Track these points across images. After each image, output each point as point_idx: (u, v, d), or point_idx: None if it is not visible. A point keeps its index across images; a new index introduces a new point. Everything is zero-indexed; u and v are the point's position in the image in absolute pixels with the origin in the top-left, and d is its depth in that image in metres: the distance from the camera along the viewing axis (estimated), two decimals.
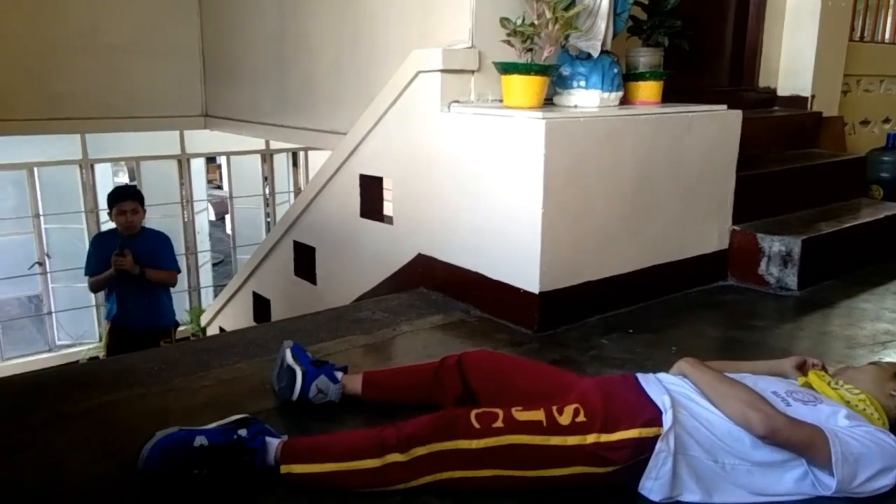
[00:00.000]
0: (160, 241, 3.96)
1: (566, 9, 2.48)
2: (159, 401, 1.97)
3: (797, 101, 4.15)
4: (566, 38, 2.66)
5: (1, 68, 4.96)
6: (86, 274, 3.88)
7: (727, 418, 1.46)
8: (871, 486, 1.42)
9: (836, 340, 2.51)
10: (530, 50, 2.57)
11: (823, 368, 1.76)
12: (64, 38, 5.15)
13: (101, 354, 4.76)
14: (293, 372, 1.84)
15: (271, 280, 4.29)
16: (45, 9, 5.12)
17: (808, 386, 1.65)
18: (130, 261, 3.67)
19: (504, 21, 2.53)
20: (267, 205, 9.13)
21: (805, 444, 1.41)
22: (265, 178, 8.93)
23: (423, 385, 1.83)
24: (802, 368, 1.76)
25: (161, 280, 3.88)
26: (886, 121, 5.24)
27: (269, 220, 9.14)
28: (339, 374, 1.87)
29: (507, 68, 2.54)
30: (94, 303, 7.17)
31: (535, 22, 2.53)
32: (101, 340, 7.25)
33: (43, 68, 5.06)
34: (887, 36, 5.39)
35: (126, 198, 3.79)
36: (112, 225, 3.90)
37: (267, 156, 8.67)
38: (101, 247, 3.83)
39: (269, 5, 4.55)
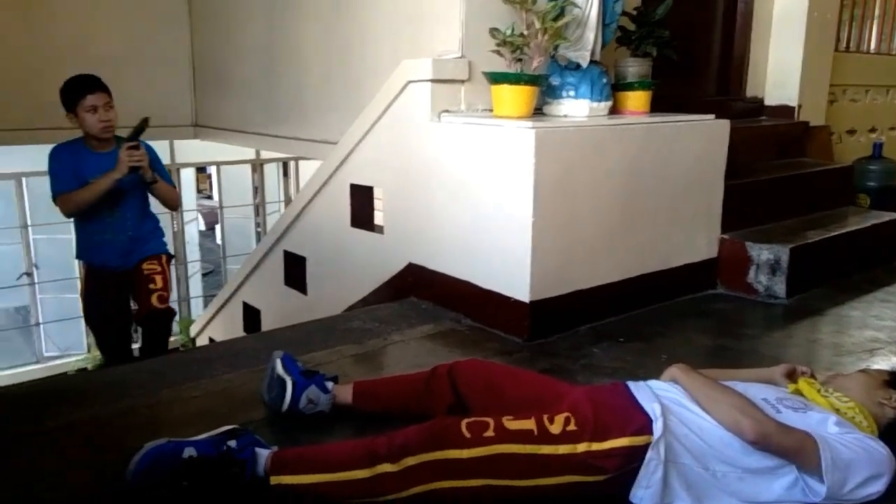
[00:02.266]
0: (148, 152, 2.89)
1: (555, 19, 2.50)
2: (148, 413, 1.96)
3: (784, 111, 4.18)
4: (555, 48, 2.68)
5: None
6: (58, 191, 2.86)
7: (718, 424, 1.46)
8: (861, 492, 1.43)
9: (824, 348, 2.52)
10: (520, 60, 2.59)
11: (812, 376, 1.77)
12: (54, 48, 5.11)
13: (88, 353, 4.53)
14: (283, 382, 1.83)
15: (261, 290, 4.27)
16: (36, 20, 5.10)
17: (798, 393, 1.65)
18: (147, 157, 2.74)
19: (494, 31, 2.54)
20: (257, 214, 9.12)
21: (795, 449, 1.41)
22: (255, 188, 8.92)
23: (414, 395, 1.82)
24: (792, 376, 1.77)
25: (168, 198, 3.02)
26: (872, 130, 5.29)
27: (259, 229, 9.13)
28: (329, 385, 1.86)
29: (496, 78, 2.56)
30: (81, 313, 7.10)
31: (525, 32, 2.54)
32: (89, 351, 7.23)
33: (34, 78, 5.02)
34: (872, 46, 5.46)
35: (95, 88, 2.76)
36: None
37: (257, 165, 8.67)
38: (71, 158, 2.85)
39: (258, 16, 4.55)
